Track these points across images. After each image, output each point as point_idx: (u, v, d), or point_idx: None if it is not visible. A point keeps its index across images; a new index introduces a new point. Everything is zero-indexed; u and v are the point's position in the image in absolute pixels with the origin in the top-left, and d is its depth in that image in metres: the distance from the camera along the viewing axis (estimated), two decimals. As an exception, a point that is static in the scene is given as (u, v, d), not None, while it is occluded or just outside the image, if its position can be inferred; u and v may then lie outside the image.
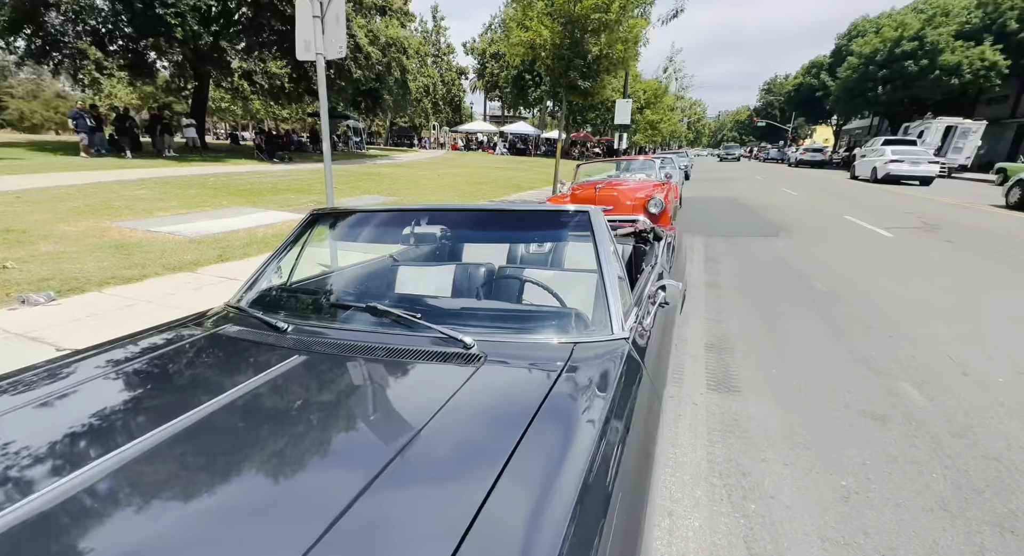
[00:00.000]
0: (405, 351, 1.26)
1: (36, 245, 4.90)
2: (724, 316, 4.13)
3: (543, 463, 0.86)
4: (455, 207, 1.87)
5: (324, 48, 3.34)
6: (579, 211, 1.68)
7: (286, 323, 1.44)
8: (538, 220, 1.75)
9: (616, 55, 8.44)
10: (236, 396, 1.05)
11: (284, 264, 1.94)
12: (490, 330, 1.39)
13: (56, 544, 0.66)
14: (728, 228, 8.53)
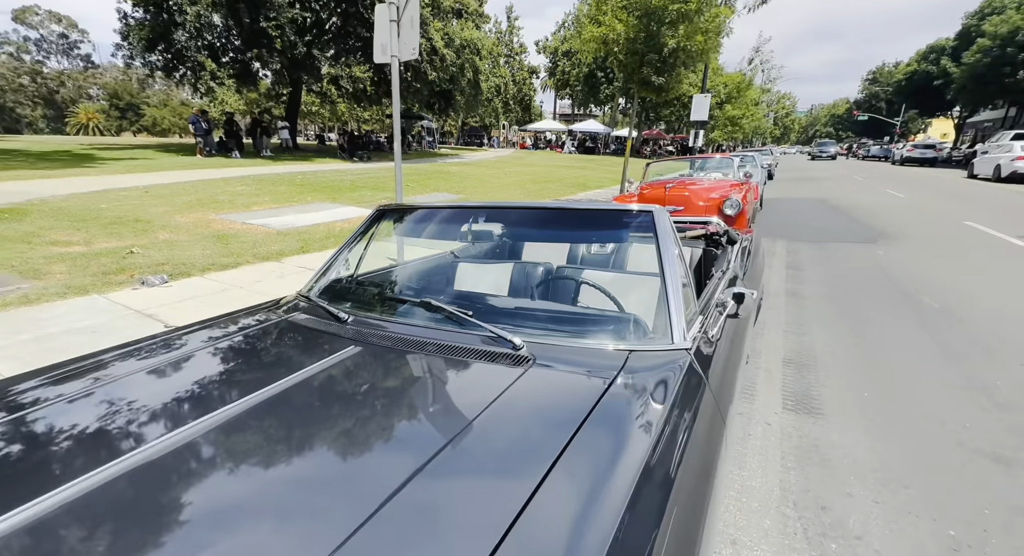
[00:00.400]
0: (455, 348, 1.26)
1: (156, 234, 5.62)
2: (806, 328, 3.75)
3: (589, 471, 0.82)
4: (515, 205, 1.85)
5: (399, 50, 3.48)
6: (642, 211, 1.59)
7: (348, 314, 1.50)
8: (599, 219, 1.68)
9: (695, 47, 7.95)
10: (294, 382, 1.11)
11: (351, 257, 2.03)
12: (542, 332, 1.35)
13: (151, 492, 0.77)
14: (816, 232, 7.75)
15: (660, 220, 1.54)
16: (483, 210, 1.91)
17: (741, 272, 2.37)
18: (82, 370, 1.23)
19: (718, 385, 1.27)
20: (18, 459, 0.88)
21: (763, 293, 3.62)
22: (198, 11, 13.24)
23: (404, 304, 1.56)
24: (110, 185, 8.59)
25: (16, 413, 1.03)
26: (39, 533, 0.67)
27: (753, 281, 2.62)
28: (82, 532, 0.69)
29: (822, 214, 9.84)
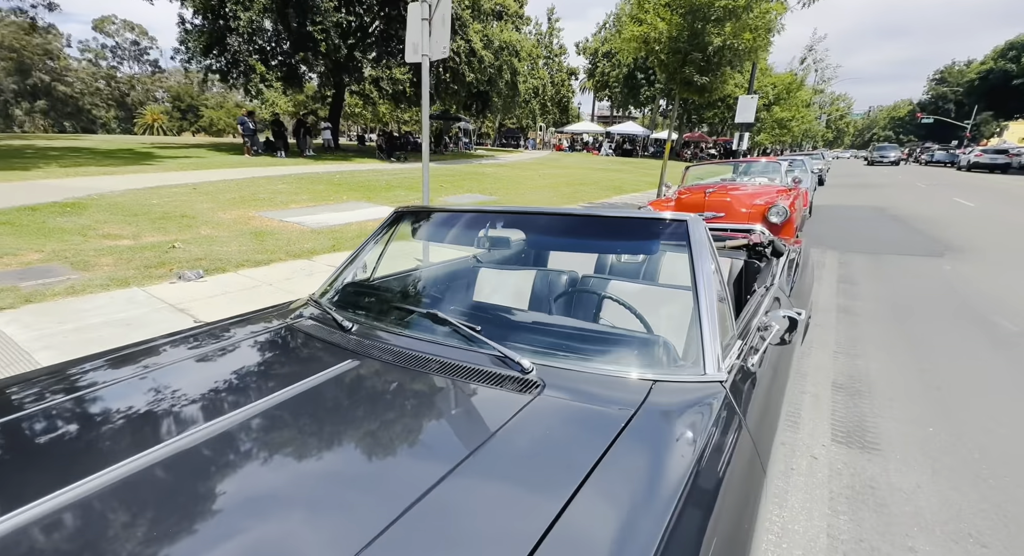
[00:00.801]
0: (457, 368, 1.14)
1: (198, 229, 5.84)
2: (860, 350, 3.42)
3: (599, 529, 0.69)
4: (537, 210, 1.72)
5: (430, 49, 3.43)
6: (675, 220, 1.42)
7: (352, 322, 1.42)
8: (626, 228, 1.52)
9: (743, 45, 7.53)
10: (281, 397, 1.04)
11: (368, 260, 1.96)
12: (558, 352, 1.22)
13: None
14: (872, 243, 7.18)
15: (695, 231, 1.37)
16: (503, 215, 1.79)
17: (787, 289, 2.14)
18: (73, 375, 1.20)
19: (757, 425, 1.10)
20: (13, 458, 0.87)
21: (811, 310, 3.33)
22: (250, 17, 13.85)
23: (412, 314, 1.47)
24: (163, 182, 9.07)
25: (9, 413, 1.00)
26: (32, 534, 0.67)
27: (801, 298, 2.38)
28: (69, 540, 0.67)
29: (880, 223, 9.14)
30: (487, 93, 20.52)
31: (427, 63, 3.51)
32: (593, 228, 1.58)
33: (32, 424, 0.98)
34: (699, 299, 1.22)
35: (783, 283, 2.20)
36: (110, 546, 0.65)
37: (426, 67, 3.53)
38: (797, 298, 2.28)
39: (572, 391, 1.05)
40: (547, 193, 12.10)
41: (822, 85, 36.35)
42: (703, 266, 1.29)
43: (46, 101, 55.93)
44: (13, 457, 0.87)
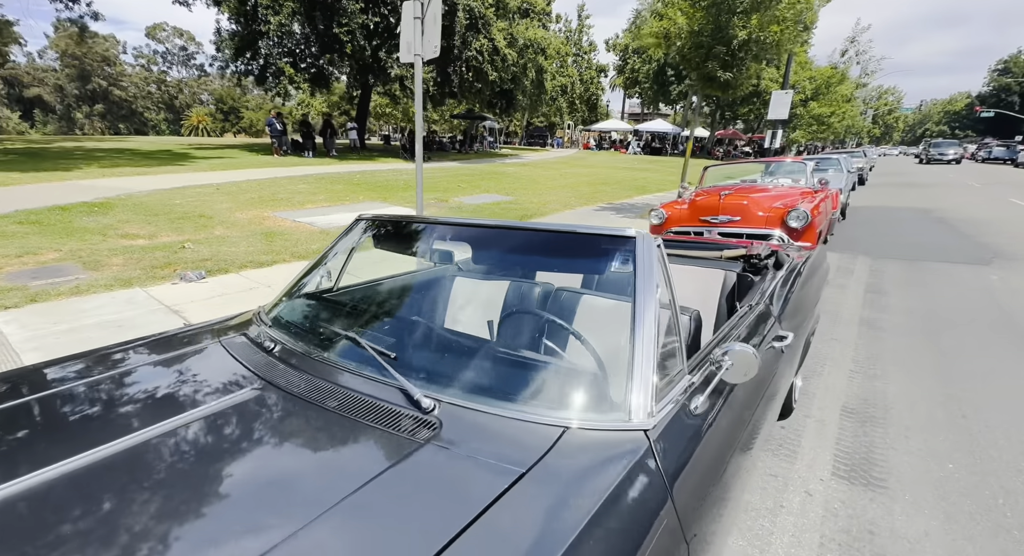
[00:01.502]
0: (357, 402, 1.04)
1: (213, 229, 6.00)
2: (880, 370, 3.12)
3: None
4: (485, 223, 1.58)
5: (422, 49, 3.35)
6: (622, 236, 1.27)
7: (277, 342, 1.35)
8: (571, 245, 1.38)
9: (770, 38, 7.10)
10: (167, 427, 0.97)
11: (319, 272, 1.89)
12: (470, 386, 1.09)
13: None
14: (910, 249, 6.66)
15: (643, 249, 1.22)
16: (453, 227, 1.67)
17: (778, 306, 1.93)
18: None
19: (687, 485, 0.94)
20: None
21: (816, 323, 3.07)
22: (279, 20, 14.23)
23: (334, 336, 1.38)
24: (191, 182, 9.42)
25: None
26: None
27: (800, 316, 2.15)
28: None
29: (922, 227, 8.49)
30: (511, 92, 20.39)
31: (420, 63, 3.43)
32: (539, 243, 1.45)
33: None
34: (635, 329, 1.07)
35: (777, 302, 2.00)
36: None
37: (419, 67, 3.45)
38: (794, 316, 2.07)
39: (471, 434, 0.93)
40: (565, 194, 11.90)
41: (866, 78, 34.11)
42: (645, 291, 1.13)
43: (103, 105, 59.57)
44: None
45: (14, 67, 56.57)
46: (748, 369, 1.10)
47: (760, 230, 4.77)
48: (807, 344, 2.48)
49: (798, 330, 2.10)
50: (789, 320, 1.97)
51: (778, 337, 1.71)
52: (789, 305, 2.02)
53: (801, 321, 2.17)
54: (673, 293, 1.24)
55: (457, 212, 8.53)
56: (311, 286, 1.78)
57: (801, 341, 2.24)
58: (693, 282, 2.41)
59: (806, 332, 2.31)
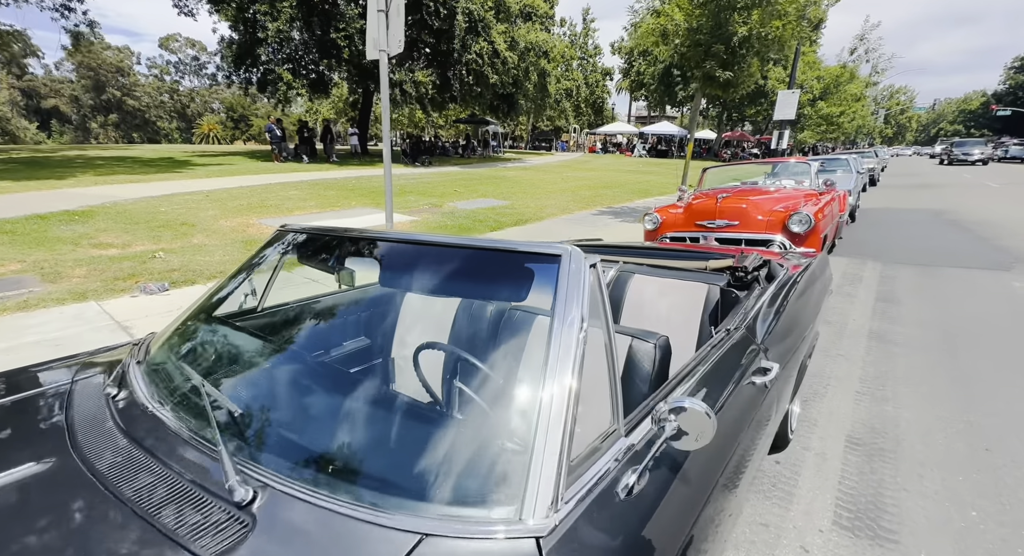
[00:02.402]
0: (165, 486, 0.78)
1: (192, 237, 5.82)
2: (890, 391, 2.80)
3: None
4: (391, 236, 1.33)
5: (387, 44, 3.12)
6: (541, 254, 1.00)
7: (124, 389, 1.10)
8: (485, 265, 1.11)
9: (772, 34, 6.79)
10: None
11: (233, 291, 1.64)
12: (303, 468, 0.82)
13: None
14: (923, 253, 6.28)
15: (569, 273, 0.94)
16: (361, 241, 1.42)
17: (763, 329, 1.64)
18: None
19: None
20: None
21: (815, 341, 2.77)
22: (278, 26, 14.20)
23: (184, 384, 1.12)
24: (183, 189, 9.31)
25: None
26: None
27: (792, 336, 1.86)
28: None
29: (936, 230, 8.07)
30: (513, 95, 20.21)
31: (385, 59, 3.21)
32: (449, 262, 1.18)
33: None
34: (543, 381, 0.80)
35: (764, 320, 1.70)
36: None
37: (384, 63, 3.23)
38: (785, 338, 1.77)
39: (294, 538, 0.66)
40: (565, 198, 11.62)
41: (876, 76, 33.27)
42: (564, 329, 0.86)
43: (117, 115, 60.70)
44: None
45: (32, 79, 57.88)
46: (701, 433, 0.82)
47: (760, 235, 4.45)
48: (803, 367, 2.18)
49: (791, 354, 1.81)
50: (778, 344, 1.68)
51: (761, 370, 1.42)
52: (778, 326, 1.73)
53: (795, 343, 1.87)
54: (610, 325, 0.97)
55: (450, 217, 8.30)
56: (197, 314, 1.53)
57: (796, 365, 1.95)
58: (673, 297, 2.13)
59: (802, 355, 2.02)
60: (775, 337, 1.66)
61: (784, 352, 1.73)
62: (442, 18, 15.39)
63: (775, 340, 1.66)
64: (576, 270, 0.95)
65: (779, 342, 1.69)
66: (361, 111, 20.51)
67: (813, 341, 2.35)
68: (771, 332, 1.64)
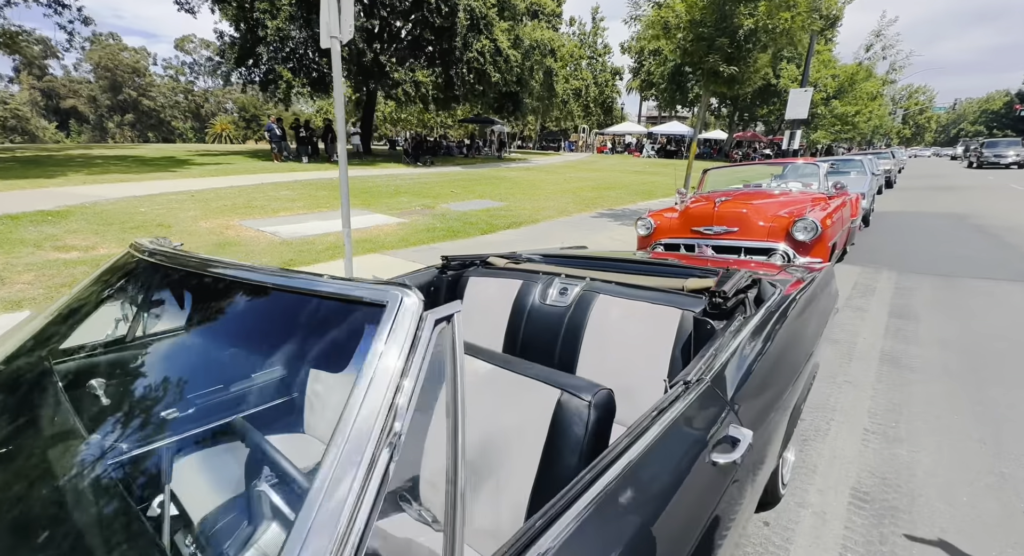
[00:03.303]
0: None
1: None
2: (905, 429, 2.40)
3: None
4: (205, 263, 1.00)
5: (340, 30, 2.81)
6: (370, 303, 0.65)
7: None
8: (294, 313, 0.78)
9: (780, 26, 6.34)
10: None
11: (82, 319, 1.32)
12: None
13: None
14: (944, 262, 5.80)
15: (391, 329, 0.60)
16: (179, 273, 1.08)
17: (735, 380, 1.27)
18: None
19: None
20: None
21: (815, 374, 2.39)
22: (277, 25, 14.03)
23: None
24: (172, 188, 9.13)
25: None
26: None
27: (779, 382, 1.49)
28: None
29: (959, 236, 7.56)
30: (517, 94, 19.87)
31: (338, 46, 2.90)
32: (256, 307, 0.84)
33: None
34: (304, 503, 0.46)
35: (739, 366, 1.34)
36: None
37: (336, 51, 2.92)
38: (768, 386, 1.41)
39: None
40: (565, 199, 11.25)
41: (893, 74, 32.02)
42: (363, 406, 0.52)
43: (133, 114, 61.71)
44: None
45: (52, 80, 59.05)
46: None
47: (761, 243, 4.06)
48: (797, 411, 1.81)
49: (777, 404, 1.44)
50: (757, 397, 1.31)
51: (727, 441, 1.07)
52: (759, 372, 1.36)
53: (783, 389, 1.50)
54: (461, 402, 0.63)
55: (440, 219, 7.98)
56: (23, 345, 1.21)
57: (786, 413, 1.58)
58: (641, 324, 1.78)
59: (794, 400, 1.64)
60: (753, 388, 1.29)
61: (767, 404, 1.36)
62: (443, 15, 15.11)
63: (752, 392, 1.29)
64: (403, 326, 0.60)
65: (759, 394, 1.32)
66: (365, 110, 20.33)
67: (811, 377, 1.97)
68: (747, 383, 1.28)
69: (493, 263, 2.55)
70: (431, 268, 2.48)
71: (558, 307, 2.05)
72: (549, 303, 2.09)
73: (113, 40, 60.75)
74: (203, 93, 67.86)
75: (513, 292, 2.21)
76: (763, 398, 1.34)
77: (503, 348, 2.19)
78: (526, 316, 2.14)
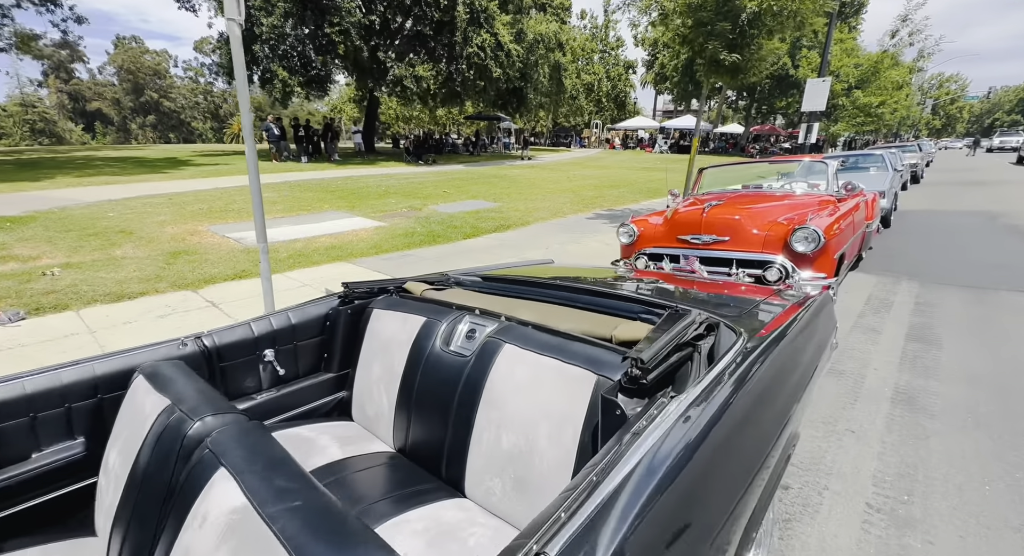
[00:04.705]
0: None
1: (120, 247, 5.27)
2: (920, 506, 1.87)
3: None
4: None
5: (238, 11, 2.39)
6: None
7: None
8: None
9: (788, 7, 5.68)
10: None
11: None
12: None
13: None
14: (973, 270, 5.13)
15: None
16: None
17: (619, 528, 0.78)
18: None
19: None
20: None
21: (789, 456, 1.89)
22: (272, 22, 13.77)
23: None
24: (154, 191, 8.92)
25: None
26: None
27: (708, 512, 0.99)
28: None
29: (990, 238, 6.81)
30: (521, 89, 19.32)
31: (237, 31, 2.48)
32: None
33: None
34: None
35: (634, 495, 0.85)
36: None
37: (236, 36, 2.50)
38: (690, 520, 0.92)
39: None
40: (563, 199, 10.72)
41: (922, 61, 30.13)
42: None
43: (155, 116, 63.04)
44: None
45: (78, 83, 60.66)
46: None
47: (755, 255, 3.51)
48: (757, 515, 1.30)
49: (714, 534, 0.95)
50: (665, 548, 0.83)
51: None
52: (665, 509, 0.87)
53: (726, 509, 1.01)
54: None
55: (423, 223, 7.56)
56: None
57: (737, 530, 1.08)
58: (548, 390, 1.32)
59: (748, 510, 1.14)
60: (657, 541, 0.81)
61: (698, 539, 0.88)
62: (442, 9, 14.65)
63: (656, 543, 0.80)
64: None
65: (669, 542, 0.84)
66: (368, 108, 20.05)
67: (781, 463, 1.46)
68: (639, 529, 0.79)
69: (409, 290, 2.09)
70: (332, 296, 2.05)
71: (460, 356, 1.58)
72: (453, 349, 1.62)
73: (136, 43, 62.15)
74: (221, 94, 68.88)
75: (414, 331, 1.76)
76: (695, 532, 0.86)
77: (396, 404, 1.75)
78: (422, 365, 1.69)
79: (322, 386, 2.01)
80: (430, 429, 1.60)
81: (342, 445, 1.72)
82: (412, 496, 1.46)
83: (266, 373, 1.88)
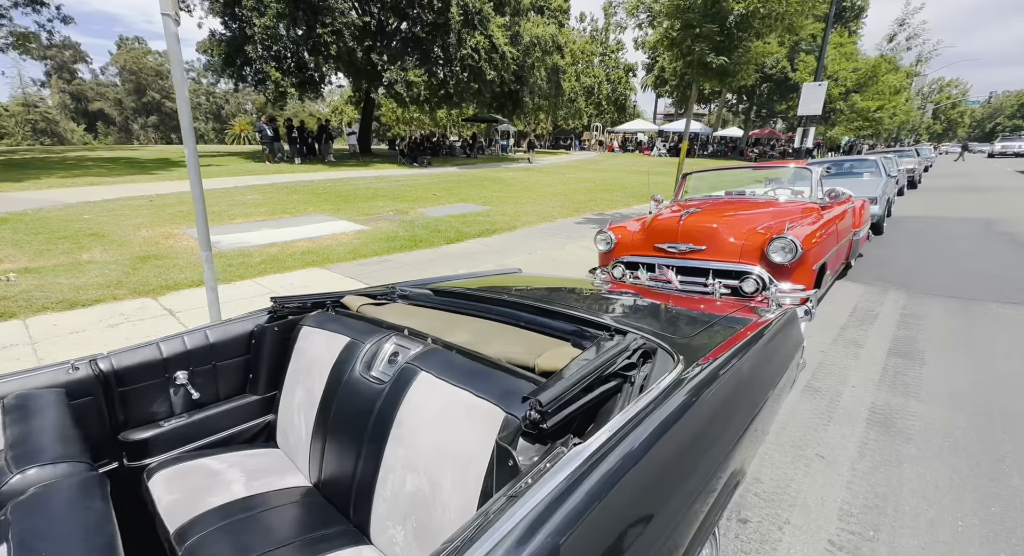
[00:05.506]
0: None
1: (88, 251, 5.14)
2: (889, 545, 1.72)
3: None
4: None
5: (171, 6, 2.27)
6: None
7: None
8: None
9: (775, 10, 5.55)
10: None
11: None
12: None
13: None
14: (964, 279, 4.99)
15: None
16: None
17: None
18: None
19: None
20: None
21: (741, 479, 1.75)
22: (265, 23, 13.69)
23: None
24: (138, 192, 8.80)
25: None
26: None
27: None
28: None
29: (983, 246, 6.66)
30: (518, 92, 19.22)
31: (172, 27, 2.36)
32: None
33: None
34: None
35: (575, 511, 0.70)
36: None
37: (172, 32, 2.38)
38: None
39: None
40: (554, 202, 10.59)
41: (919, 65, 29.95)
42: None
43: (157, 116, 63.10)
44: None
45: (80, 83, 60.78)
46: None
47: (730, 265, 3.37)
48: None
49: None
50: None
51: None
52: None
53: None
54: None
55: (407, 227, 7.43)
56: None
57: None
58: (458, 425, 1.19)
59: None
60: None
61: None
62: (436, 11, 14.56)
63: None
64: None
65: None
66: (364, 110, 19.97)
67: (717, 511, 1.31)
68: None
69: (347, 305, 1.95)
70: (260, 312, 1.91)
71: (378, 383, 1.44)
72: (373, 374, 1.48)
73: (139, 44, 62.36)
74: (223, 95, 68.97)
75: (336, 352, 1.62)
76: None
77: (312, 433, 1.61)
78: (339, 390, 1.55)
79: (245, 409, 1.86)
80: (342, 464, 1.46)
81: (252, 479, 1.57)
82: (316, 542, 1.31)
83: (178, 397, 1.74)
